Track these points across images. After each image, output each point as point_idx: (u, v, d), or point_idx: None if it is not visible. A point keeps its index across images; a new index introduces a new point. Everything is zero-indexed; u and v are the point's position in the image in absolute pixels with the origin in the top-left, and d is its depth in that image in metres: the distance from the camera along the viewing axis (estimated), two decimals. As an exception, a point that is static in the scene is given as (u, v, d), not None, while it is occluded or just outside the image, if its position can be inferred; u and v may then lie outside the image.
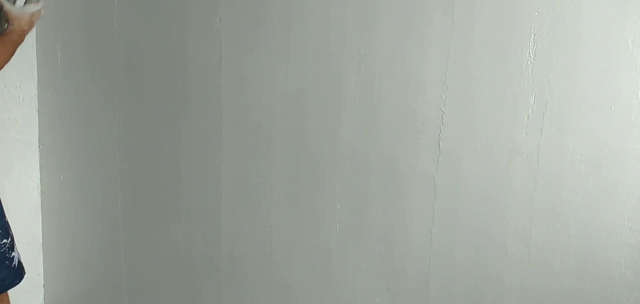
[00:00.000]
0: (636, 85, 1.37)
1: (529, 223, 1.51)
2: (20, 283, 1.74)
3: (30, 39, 2.16)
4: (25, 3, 1.66)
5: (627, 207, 1.42)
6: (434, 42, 1.54)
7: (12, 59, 1.63)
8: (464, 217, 1.59)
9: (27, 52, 2.14)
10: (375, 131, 1.65)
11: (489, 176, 1.54)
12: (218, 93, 1.87)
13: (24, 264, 1.73)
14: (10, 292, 1.76)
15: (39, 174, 2.27)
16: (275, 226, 1.86)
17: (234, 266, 1.96)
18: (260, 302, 1.93)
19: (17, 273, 1.67)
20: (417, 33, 1.56)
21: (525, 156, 1.49)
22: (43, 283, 2.35)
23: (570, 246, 1.48)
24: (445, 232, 1.62)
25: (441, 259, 1.63)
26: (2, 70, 1.60)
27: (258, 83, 1.80)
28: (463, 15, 1.50)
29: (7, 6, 1.61)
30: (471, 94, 1.52)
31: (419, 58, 1.57)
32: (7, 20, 1.62)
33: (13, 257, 1.65)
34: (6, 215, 1.68)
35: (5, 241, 1.62)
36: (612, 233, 1.44)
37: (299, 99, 1.74)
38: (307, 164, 1.77)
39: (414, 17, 1.56)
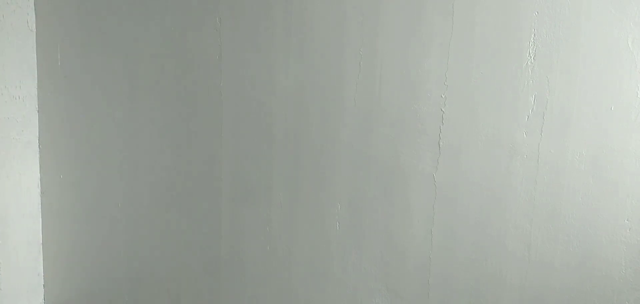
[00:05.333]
0: (636, 85, 1.37)
1: (529, 223, 1.51)
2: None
3: (31, 39, 2.16)
4: None
5: (627, 207, 1.42)
6: (434, 42, 1.54)
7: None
8: (464, 217, 1.59)
9: (27, 52, 2.14)
10: (376, 130, 1.65)
11: (489, 176, 1.54)
12: (218, 93, 1.87)
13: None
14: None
15: (39, 174, 2.27)
16: (275, 226, 1.86)
17: (234, 266, 1.96)
18: (261, 302, 1.93)
19: None
20: (417, 33, 1.56)
21: (525, 156, 1.49)
22: (43, 283, 2.35)
23: (570, 245, 1.48)
24: (445, 232, 1.62)
25: (441, 258, 1.63)
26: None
27: (258, 83, 1.80)
28: (463, 15, 1.50)
29: None
30: (471, 94, 1.52)
31: (419, 58, 1.57)
32: None
33: None
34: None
35: None
36: (612, 232, 1.44)
37: (299, 99, 1.74)
38: (307, 164, 1.77)
39: (415, 18, 1.56)
